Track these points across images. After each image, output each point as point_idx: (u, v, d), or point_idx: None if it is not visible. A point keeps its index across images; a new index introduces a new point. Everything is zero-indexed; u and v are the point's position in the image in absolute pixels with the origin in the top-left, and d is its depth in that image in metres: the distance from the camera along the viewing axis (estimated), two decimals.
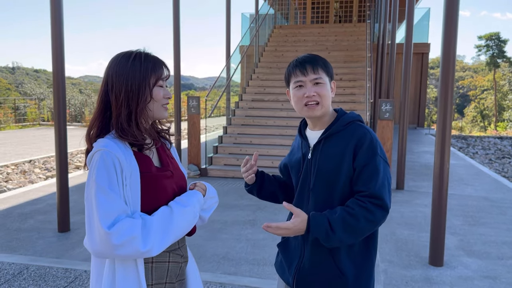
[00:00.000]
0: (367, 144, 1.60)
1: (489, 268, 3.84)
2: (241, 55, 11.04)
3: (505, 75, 38.38)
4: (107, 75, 1.44)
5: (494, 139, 16.23)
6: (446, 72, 3.73)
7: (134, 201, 1.36)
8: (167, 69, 1.51)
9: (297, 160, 1.78)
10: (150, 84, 1.43)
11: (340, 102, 9.21)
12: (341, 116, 1.70)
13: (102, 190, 1.30)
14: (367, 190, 1.56)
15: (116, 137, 1.41)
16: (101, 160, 1.33)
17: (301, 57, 1.71)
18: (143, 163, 1.43)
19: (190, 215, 1.45)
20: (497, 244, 4.43)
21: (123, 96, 1.40)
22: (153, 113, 1.47)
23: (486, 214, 5.54)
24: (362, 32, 12.57)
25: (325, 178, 1.65)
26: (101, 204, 1.28)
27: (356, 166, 1.60)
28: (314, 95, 1.64)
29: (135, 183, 1.37)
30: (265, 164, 7.67)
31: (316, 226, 1.53)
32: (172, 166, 1.56)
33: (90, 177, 1.35)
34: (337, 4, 17.69)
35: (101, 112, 1.44)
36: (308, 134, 1.78)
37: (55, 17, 4.39)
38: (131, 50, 1.47)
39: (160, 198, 1.44)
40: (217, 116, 24.58)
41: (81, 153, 11.25)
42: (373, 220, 1.55)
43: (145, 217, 1.35)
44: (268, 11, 13.25)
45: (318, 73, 1.64)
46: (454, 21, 3.68)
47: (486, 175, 8.27)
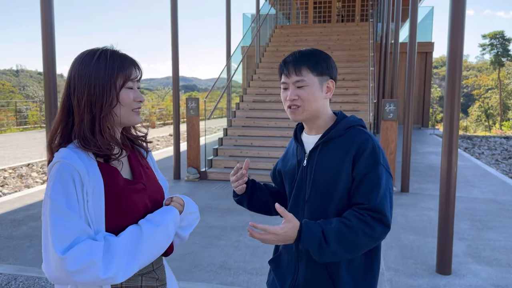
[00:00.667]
0: (368, 151, 1.43)
1: (499, 276, 3.65)
2: (242, 55, 10.88)
3: (509, 74, 38.03)
4: (69, 76, 1.27)
5: (500, 139, 15.99)
6: (452, 72, 3.55)
7: (97, 220, 1.19)
8: (139, 68, 1.33)
9: (291, 167, 1.61)
10: (116, 86, 1.26)
11: (343, 102, 9.03)
12: (340, 120, 1.53)
13: (57, 208, 1.14)
14: (367, 202, 1.39)
15: (79, 146, 1.24)
16: (58, 173, 1.17)
17: (289, 55, 1.54)
18: (109, 176, 1.26)
19: (163, 235, 1.27)
20: (507, 250, 4.24)
21: (86, 100, 1.23)
22: (120, 119, 1.29)
23: (495, 217, 5.34)
24: (365, 32, 12.38)
25: (322, 188, 1.49)
26: (55, 225, 1.12)
27: (355, 175, 1.43)
28: (296, 99, 1.49)
29: (98, 198, 1.20)
30: (266, 166, 7.50)
31: (308, 236, 1.35)
32: (145, 177, 1.39)
33: (46, 193, 1.18)
34: (339, 3, 17.50)
35: (64, 118, 1.27)
36: (304, 139, 1.61)
37: (45, 18, 4.24)
38: (97, 48, 1.30)
39: (130, 215, 1.27)
40: (220, 117, 24.43)
41: None
42: (372, 235, 1.38)
43: (110, 239, 1.18)
44: (269, 11, 13.09)
45: (301, 75, 1.47)
46: (461, 21, 3.50)
47: (493, 177, 8.06)
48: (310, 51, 1.52)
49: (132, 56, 1.33)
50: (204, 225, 4.90)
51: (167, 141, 15.08)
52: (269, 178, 7.51)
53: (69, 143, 1.27)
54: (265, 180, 7.16)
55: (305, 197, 1.53)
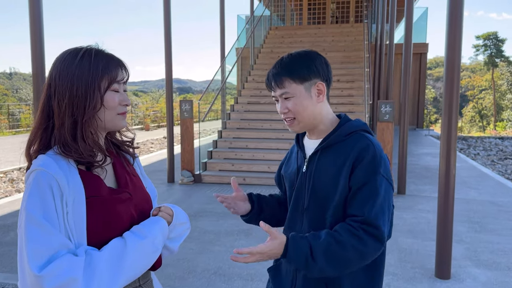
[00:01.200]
0: (368, 159, 1.33)
1: (499, 280, 3.58)
2: (237, 57, 10.79)
3: (503, 75, 38.22)
4: (50, 76, 1.18)
5: (495, 139, 16.00)
6: (451, 75, 3.49)
7: (78, 233, 1.10)
8: (125, 70, 1.23)
9: (292, 172, 1.53)
10: (100, 88, 1.16)
11: (338, 104, 8.96)
12: (342, 124, 1.43)
13: (33, 220, 1.04)
14: (361, 214, 1.30)
15: (59, 153, 1.14)
16: (35, 183, 1.07)
17: (272, 67, 1.46)
18: (91, 185, 1.16)
19: (149, 248, 1.17)
20: (505, 253, 4.18)
21: (67, 102, 1.14)
22: (104, 123, 1.19)
23: (493, 219, 5.28)
24: (359, 33, 12.34)
25: (320, 196, 1.40)
26: (31, 239, 1.03)
27: (352, 185, 1.33)
28: (286, 112, 1.41)
29: (79, 210, 1.10)
30: (261, 169, 7.42)
31: (295, 251, 1.27)
32: (132, 185, 1.29)
33: (22, 204, 1.09)
34: (333, 4, 17.47)
35: (43, 122, 1.17)
36: (305, 143, 1.52)
37: (34, 18, 4.14)
38: (80, 47, 1.20)
39: (114, 227, 1.17)
40: (214, 119, 24.31)
41: None
42: (363, 252, 1.28)
43: (92, 253, 1.09)
44: (264, 12, 13.02)
45: (283, 87, 1.40)
46: (459, 23, 3.43)
47: (490, 178, 8.02)
48: (290, 58, 1.43)
49: (120, 56, 1.23)
50: (198, 230, 4.80)
51: (161, 143, 14.97)
52: (264, 180, 7.43)
53: (48, 149, 1.17)
54: (260, 182, 7.11)
55: (303, 205, 1.45)
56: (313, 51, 1.45)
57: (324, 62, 1.44)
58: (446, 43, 3.49)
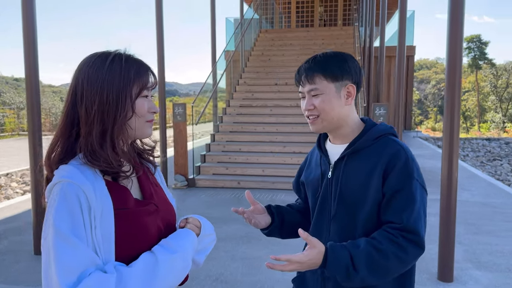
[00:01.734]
0: (401, 164, 1.31)
1: (500, 282, 3.60)
2: (226, 60, 10.75)
3: (486, 77, 38.87)
4: (75, 81, 1.11)
5: (482, 140, 16.23)
6: (452, 79, 3.51)
7: (106, 248, 1.04)
8: (154, 76, 1.18)
9: (315, 178, 1.49)
10: (132, 94, 1.10)
11: None
12: (369, 129, 1.40)
13: (62, 236, 0.98)
14: (399, 222, 1.27)
15: (84, 163, 1.08)
16: (62, 196, 1.01)
17: (304, 62, 1.43)
18: (119, 197, 1.10)
19: (180, 263, 1.12)
20: (504, 255, 4.21)
21: (96, 109, 1.07)
22: (134, 131, 1.14)
23: (488, 221, 5.32)
24: (349, 36, 12.42)
25: (349, 203, 1.36)
26: (61, 256, 0.96)
27: (386, 191, 1.30)
28: (311, 108, 1.38)
29: (108, 224, 1.04)
30: (256, 172, 7.37)
31: (335, 261, 1.22)
32: (156, 197, 1.23)
33: (48, 218, 1.02)
34: (321, 8, 17.56)
35: (66, 130, 1.11)
36: (328, 148, 1.48)
37: (27, 21, 4.04)
38: (108, 51, 1.13)
39: (142, 241, 1.11)
40: (202, 123, 24.19)
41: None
42: (405, 259, 1.26)
43: (121, 269, 1.02)
44: (253, 15, 13.00)
45: (314, 83, 1.36)
46: (460, 29, 3.45)
47: (481, 179, 8.11)
48: (324, 55, 1.41)
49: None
50: None
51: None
52: (260, 184, 7.38)
53: (70, 159, 1.10)
54: (255, 186, 7.06)
55: (330, 213, 1.41)
56: (348, 54, 1.43)
57: (358, 66, 1.42)
58: (448, 47, 3.51)
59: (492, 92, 38.07)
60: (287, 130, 8.38)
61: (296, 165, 7.48)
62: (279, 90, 9.69)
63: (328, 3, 17.06)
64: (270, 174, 7.33)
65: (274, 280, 3.60)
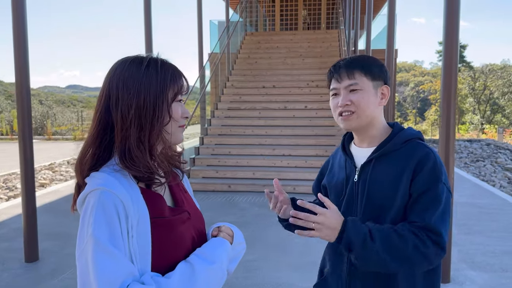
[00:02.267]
0: (429, 166, 1.31)
1: (496, 282, 3.66)
2: (212, 63, 10.69)
3: (464, 79, 39.74)
4: (109, 86, 1.08)
5: (464, 142, 16.56)
6: (448, 81, 3.56)
7: (142, 258, 1.01)
8: (187, 81, 1.16)
9: (339, 181, 1.48)
10: (168, 98, 1.08)
11: (319, 109, 9.02)
12: (397, 132, 1.41)
13: (102, 247, 0.95)
14: (421, 221, 1.27)
15: (118, 170, 1.05)
16: (99, 205, 0.98)
17: (339, 60, 1.44)
18: (154, 205, 1.07)
19: (218, 274, 1.10)
20: (496, 255, 4.28)
21: (133, 113, 1.04)
22: (171, 136, 1.11)
23: (477, 221, 5.42)
24: (334, 39, 12.52)
25: (377, 206, 1.36)
26: (101, 268, 0.93)
27: (413, 191, 1.31)
28: (348, 104, 1.37)
29: (144, 233, 1.02)
30: (246, 175, 7.35)
31: (354, 228, 1.23)
32: (187, 204, 1.21)
33: (85, 228, 0.98)
34: (305, 11, 17.67)
35: (99, 135, 1.08)
36: (353, 151, 1.48)
37: (17, 25, 3.93)
38: (141, 55, 1.11)
39: (177, 250, 1.09)
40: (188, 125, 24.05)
41: (45, 169, 10.55)
42: (425, 253, 1.24)
43: (160, 281, 1.00)
44: (239, 19, 13.00)
45: (353, 78, 1.37)
46: (455, 32, 3.51)
47: (466, 180, 8.26)
48: (362, 56, 1.44)
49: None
50: None
51: None
52: (250, 187, 7.33)
53: (102, 165, 1.08)
54: (246, 189, 7.03)
55: (356, 216, 1.41)
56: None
57: (388, 70, 1.45)
58: (444, 51, 3.56)
59: (470, 94, 38.95)
60: (276, 132, 8.38)
61: (286, 167, 7.49)
62: (267, 93, 9.70)
63: (312, 6, 17.18)
64: (260, 177, 7.32)
65: (272, 284, 3.58)
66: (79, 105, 46.52)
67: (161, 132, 1.08)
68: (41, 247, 4.35)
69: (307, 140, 8.12)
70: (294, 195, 1.67)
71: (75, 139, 19.76)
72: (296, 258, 4.12)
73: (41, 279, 3.71)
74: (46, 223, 5.29)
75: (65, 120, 26.18)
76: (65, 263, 4.03)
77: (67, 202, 6.53)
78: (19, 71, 3.96)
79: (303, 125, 8.58)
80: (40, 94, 45.10)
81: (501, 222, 5.38)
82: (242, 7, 13.92)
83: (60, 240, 4.71)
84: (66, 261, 4.09)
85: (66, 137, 21.00)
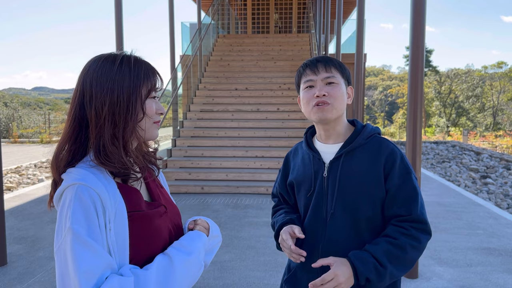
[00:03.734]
0: (399, 161, 1.41)
1: (461, 276, 3.81)
2: (184, 65, 10.65)
3: (430, 83, 40.99)
4: (83, 83, 1.10)
5: (430, 144, 17.07)
6: (414, 85, 3.70)
7: (120, 251, 1.03)
8: (161, 78, 1.19)
9: (306, 177, 1.52)
10: (142, 95, 1.11)
11: (291, 111, 9.14)
12: (361, 128, 1.49)
13: (80, 240, 0.96)
14: (408, 214, 1.37)
15: (93, 166, 1.07)
16: (77, 199, 0.99)
17: (312, 58, 1.50)
18: (131, 199, 1.10)
19: (195, 265, 1.12)
20: (462, 251, 4.46)
21: (107, 110, 1.06)
22: (145, 132, 1.13)
23: (443, 219, 5.62)
24: (305, 42, 12.70)
25: (349, 201, 1.41)
26: (80, 260, 0.95)
27: (389, 187, 1.39)
28: (325, 95, 1.42)
29: (122, 226, 1.04)
30: (220, 177, 7.36)
31: (363, 264, 1.30)
32: (163, 198, 1.24)
33: (63, 222, 0.99)
34: (276, 15, 17.85)
35: (73, 132, 1.09)
36: (319, 148, 1.52)
37: None
38: (115, 53, 1.14)
39: (155, 243, 1.11)
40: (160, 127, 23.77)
41: (12, 172, 10.23)
42: (420, 248, 1.37)
43: (138, 273, 1.01)
44: (211, 21, 13.00)
45: (331, 72, 1.44)
46: (422, 35, 3.65)
47: (433, 180, 8.54)
48: (335, 58, 1.51)
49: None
50: None
51: None
52: (223, 188, 7.31)
53: (77, 162, 1.09)
54: (219, 191, 7.04)
55: (326, 211, 1.45)
56: None
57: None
58: (410, 55, 3.70)
59: (436, 97, 40.19)
60: (248, 134, 8.43)
61: (259, 169, 7.54)
62: (240, 95, 9.74)
63: (283, 10, 17.36)
64: (233, 179, 7.34)
65: (248, 283, 3.61)
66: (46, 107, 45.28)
67: (135, 129, 1.10)
68: (9, 250, 4.24)
69: (280, 141, 8.20)
70: (267, 196, 1.70)
71: (42, 142, 19.22)
72: (271, 258, 4.17)
73: (10, 283, 3.62)
74: (13, 227, 5.15)
75: (31, 123, 25.43)
76: (34, 267, 3.94)
77: (34, 206, 6.37)
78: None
79: (275, 127, 8.67)
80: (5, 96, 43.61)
81: (466, 220, 5.60)
82: (214, 10, 13.93)
83: (28, 243, 4.60)
84: (34, 265, 4.00)
85: (32, 140, 20.39)
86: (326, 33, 13.02)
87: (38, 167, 11.11)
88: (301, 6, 16.97)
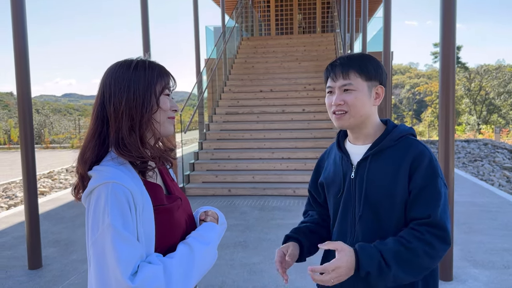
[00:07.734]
0: (426, 163, 1.35)
1: (498, 279, 3.68)
2: (209, 68, 10.73)
3: (460, 80, 39.93)
4: (103, 84, 1.21)
5: (461, 142, 16.62)
6: (446, 82, 3.61)
7: (147, 241, 1.14)
8: (174, 80, 1.29)
9: (336, 179, 1.50)
10: (156, 91, 1.21)
11: (316, 112, 9.07)
12: (391, 129, 1.44)
13: (120, 234, 1.06)
14: (427, 217, 1.30)
15: (121, 163, 1.16)
16: (113, 196, 1.08)
17: (336, 59, 1.46)
18: (155, 194, 1.20)
19: (212, 254, 1.24)
20: (498, 252, 4.31)
21: (124, 106, 1.17)
22: (160, 125, 1.22)
23: (478, 220, 5.46)
24: (330, 42, 12.59)
25: (375, 203, 1.38)
26: (120, 251, 1.04)
27: (412, 188, 1.34)
28: (341, 104, 1.39)
29: (149, 220, 1.14)
30: (246, 179, 7.37)
31: (367, 258, 1.25)
32: (177, 191, 1.34)
33: (100, 218, 1.08)
34: (300, 15, 17.77)
35: (97, 130, 1.19)
36: (349, 149, 1.50)
37: (18, 34, 3.95)
38: (131, 58, 1.25)
39: (175, 233, 1.23)
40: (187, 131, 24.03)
41: (44, 177, 10.53)
42: (434, 256, 1.29)
43: (164, 261, 1.12)
44: (235, 24, 13.06)
45: (348, 78, 1.39)
46: (453, 34, 3.56)
47: (465, 179, 8.30)
48: (359, 55, 1.45)
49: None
50: None
51: None
52: (250, 191, 7.33)
53: (103, 157, 1.19)
54: (246, 193, 7.04)
55: (355, 213, 1.42)
56: (377, 59, 1.46)
57: (385, 71, 1.47)
58: (441, 52, 3.61)
59: (466, 95, 39.14)
60: (274, 136, 8.42)
61: (285, 170, 7.52)
62: (265, 97, 9.74)
63: (307, 10, 17.27)
64: (260, 181, 7.34)
65: (277, 286, 3.59)
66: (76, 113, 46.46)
67: (150, 121, 1.19)
68: (45, 253, 4.36)
69: (306, 143, 8.15)
70: (294, 198, 1.71)
71: (73, 147, 19.73)
72: None
73: (46, 285, 3.72)
74: (47, 230, 5.30)
75: (62, 129, 26.15)
76: (68, 270, 4.04)
77: (67, 209, 6.53)
78: (20, 82, 3.98)
79: (301, 128, 8.62)
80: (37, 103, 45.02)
81: (501, 220, 5.42)
82: (238, 13, 13.99)
83: (62, 247, 4.72)
84: (68, 267, 4.09)
85: (63, 145, 20.96)
86: (351, 32, 12.89)
87: (69, 172, 11.40)
88: (325, 6, 16.83)
